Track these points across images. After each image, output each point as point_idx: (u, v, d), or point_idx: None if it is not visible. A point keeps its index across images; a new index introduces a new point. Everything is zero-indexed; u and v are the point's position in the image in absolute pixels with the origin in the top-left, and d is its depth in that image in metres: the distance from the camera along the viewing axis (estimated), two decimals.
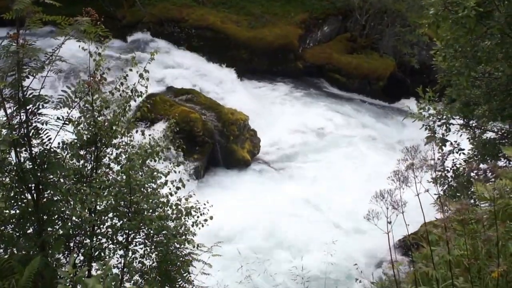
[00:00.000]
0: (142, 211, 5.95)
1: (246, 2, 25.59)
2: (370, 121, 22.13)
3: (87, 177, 5.97)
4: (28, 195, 5.39)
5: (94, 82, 5.59)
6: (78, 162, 5.95)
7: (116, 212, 5.96)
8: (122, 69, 6.15)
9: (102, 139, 5.94)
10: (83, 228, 5.85)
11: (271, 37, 24.35)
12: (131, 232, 6.07)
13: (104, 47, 5.82)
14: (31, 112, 5.09)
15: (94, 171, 6.01)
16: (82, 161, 5.98)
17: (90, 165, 6.04)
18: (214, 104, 18.69)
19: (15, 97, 4.96)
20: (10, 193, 5.36)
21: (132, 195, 5.83)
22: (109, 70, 5.90)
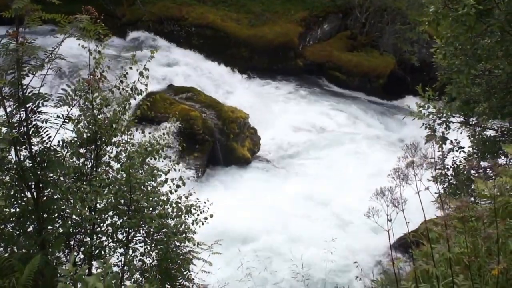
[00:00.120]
0: (142, 209, 5.94)
1: (246, 0, 25.60)
2: (370, 119, 22.12)
3: (87, 175, 5.96)
4: (28, 194, 5.39)
5: (94, 80, 5.58)
6: (78, 160, 5.94)
7: (116, 210, 5.96)
8: (122, 67, 6.13)
9: (102, 137, 5.93)
10: (83, 226, 5.84)
11: (271, 35, 24.34)
12: (131, 230, 6.06)
13: (104, 45, 5.81)
14: (31, 110, 5.09)
15: (94, 169, 6.00)
16: (82, 159, 5.97)
17: (90, 163, 6.04)
18: (214, 102, 18.67)
19: (15, 95, 4.95)
20: (10, 192, 5.36)
21: (132, 193, 5.82)
22: (109, 69, 5.89)
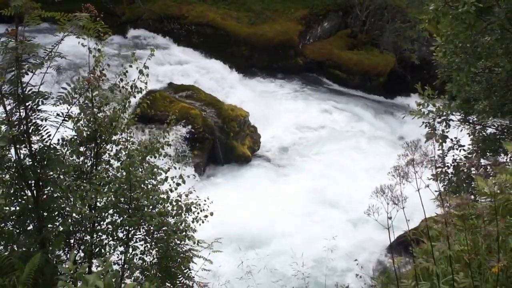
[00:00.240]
0: (142, 208, 5.93)
1: None
2: (371, 117, 22.11)
3: (87, 174, 5.95)
4: (28, 192, 5.39)
5: (94, 79, 5.57)
6: (78, 159, 5.93)
7: (116, 209, 5.95)
8: (122, 65, 6.12)
9: (102, 136, 5.92)
10: (83, 225, 5.84)
11: (271, 33, 24.32)
12: (132, 229, 6.06)
13: (104, 44, 5.80)
14: (31, 109, 5.09)
15: (94, 168, 5.99)
16: (82, 158, 5.96)
17: (90, 162, 6.02)
18: (214, 101, 18.66)
19: (15, 94, 4.95)
20: (10, 190, 5.34)
21: (132, 192, 5.82)
22: (109, 67, 5.89)
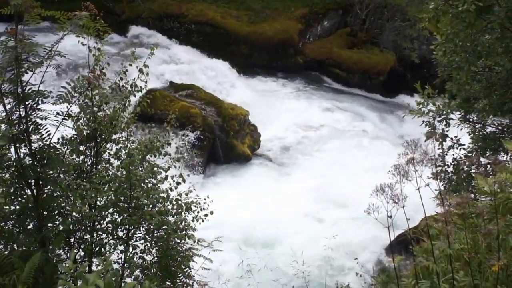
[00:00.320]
0: (142, 206, 5.93)
1: None
2: (371, 116, 22.11)
3: (87, 173, 5.95)
4: (28, 191, 5.38)
5: (94, 78, 5.57)
6: (78, 158, 5.93)
7: (116, 208, 5.94)
8: (122, 64, 6.11)
9: (102, 135, 5.92)
10: (83, 224, 5.83)
11: (271, 32, 24.31)
12: (132, 228, 6.06)
13: (103, 42, 5.79)
14: (31, 108, 5.08)
15: (94, 167, 5.99)
16: (82, 157, 5.96)
17: (90, 161, 6.02)
18: (214, 99, 18.65)
19: (14, 93, 4.94)
20: (10, 189, 5.34)
21: (132, 191, 5.81)
22: (109, 65, 5.88)
